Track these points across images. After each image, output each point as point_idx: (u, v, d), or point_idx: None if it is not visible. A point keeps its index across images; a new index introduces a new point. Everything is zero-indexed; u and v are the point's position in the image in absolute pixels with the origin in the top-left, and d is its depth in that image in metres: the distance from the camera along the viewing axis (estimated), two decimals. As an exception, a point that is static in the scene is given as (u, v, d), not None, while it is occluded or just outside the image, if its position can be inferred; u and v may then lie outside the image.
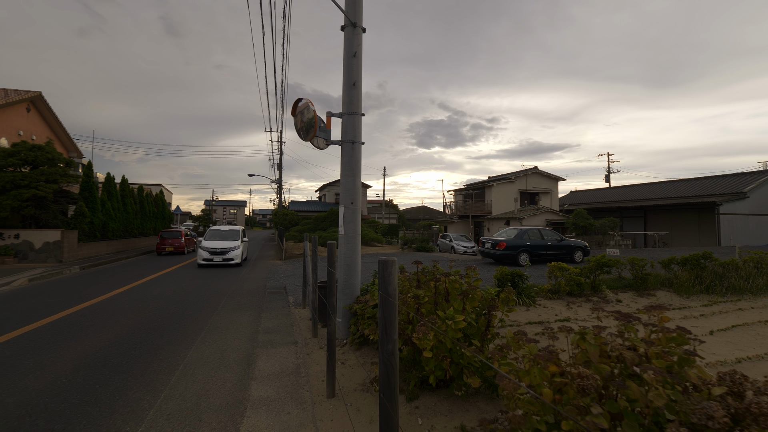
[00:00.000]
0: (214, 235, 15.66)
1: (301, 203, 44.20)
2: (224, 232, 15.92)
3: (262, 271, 13.61)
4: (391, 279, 1.79)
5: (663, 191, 31.54)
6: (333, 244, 3.86)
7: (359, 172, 5.63)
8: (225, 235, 15.74)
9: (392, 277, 1.79)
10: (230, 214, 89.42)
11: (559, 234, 14.46)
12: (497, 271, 7.82)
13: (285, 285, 10.30)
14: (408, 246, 21.82)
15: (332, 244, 3.86)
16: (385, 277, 1.79)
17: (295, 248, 20.44)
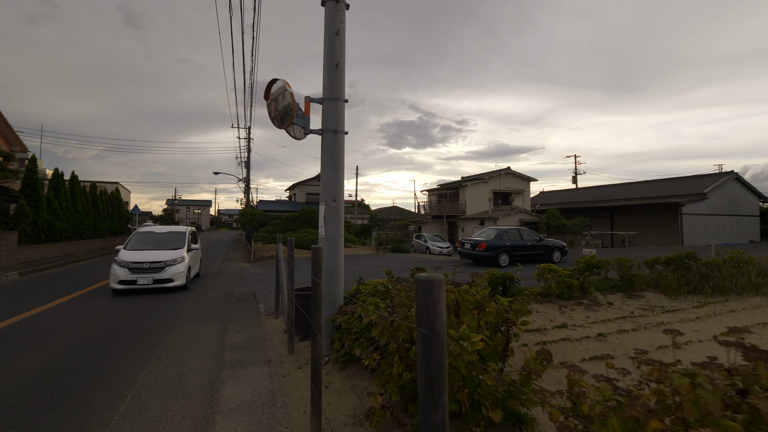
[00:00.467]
0: (143, 242, 10.25)
1: (271, 203, 42.76)
2: (159, 237, 10.53)
3: (229, 275, 12.63)
4: (439, 310, 1.16)
5: (628, 192, 32.57)
6: (318, 249, 3.21)
7: (342, 166, 4.97)
8: (160, 240, 10.37)
9: (439, 305, 1.17)
10: (194, 214, 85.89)
11: (537, 234, 14.31)
12: (488, 273, 7.34)
13: (254, 291, 9.47)
14: (383, 247, 21.25)
15: (317, 249, 3.21)
16: (429, 306, 1.16)
17: (264, 250, 19.42)
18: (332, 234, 4.84)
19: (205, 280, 11.22)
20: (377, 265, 14.35)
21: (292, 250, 5.07)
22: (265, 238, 24.42)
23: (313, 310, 3.11)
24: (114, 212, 25.89)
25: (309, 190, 42.41)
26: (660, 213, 29.02)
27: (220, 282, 11.02)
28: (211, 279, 11.58)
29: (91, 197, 22.89)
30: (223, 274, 12.89)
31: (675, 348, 3.17)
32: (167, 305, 7.71)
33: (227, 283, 10.89)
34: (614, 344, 5.00)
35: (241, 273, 13.02)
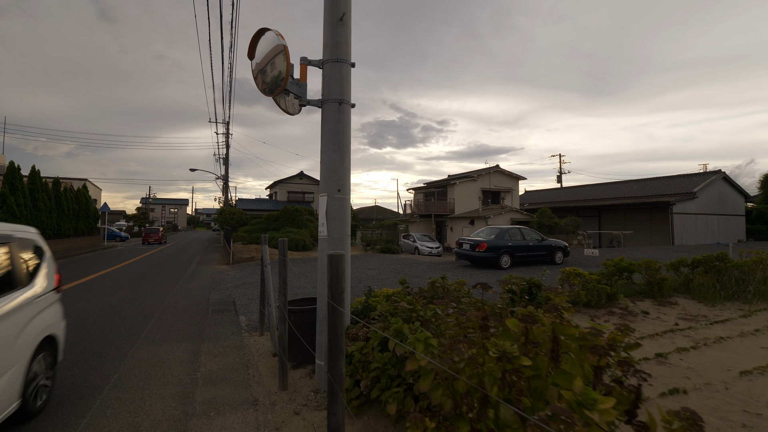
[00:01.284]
0: None
1: (250, 201, 41.11)
2: None
3: (205, 279, 11.34)
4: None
5: (616, 191, 32.43)
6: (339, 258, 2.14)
7: (349, 146, 3.89)
8: None
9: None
10: (170, 213, 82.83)
11: (539, 233, 13.52)
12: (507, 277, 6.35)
13: (234, 298, 8.27)
14: (371, 247, 20.19)
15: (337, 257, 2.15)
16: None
17: (244, 251, 18.09)
18: (336, 233, 3.76)
19: (177, 286, 9.93)
20: (370, 268, 13.28)
21: (284, 254, 3.97)
22: (244, 238, 23.00)
23: (331, 355, 2.03)
24: (81, 211, 23.99)
25: (290, 188, 40.93)
26: (648, 212, 28.90)
27: (194, 288, 9.75)
28: (184, 284, 10.29)
29: (54, 194, 21.04)
30: (198, 278, 11.59)
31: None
32: (129, 318, 6.46)
33: (202, 289, 9.63)
34: (682, 368, 4.09)
35: (219, 277, 11.75)
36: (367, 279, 10.69)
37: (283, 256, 3.97)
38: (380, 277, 11.10)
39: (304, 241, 20.21)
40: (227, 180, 33.32)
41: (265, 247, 5.45)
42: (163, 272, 12.68)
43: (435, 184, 30.33)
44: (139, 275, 11.89)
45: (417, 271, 12.34)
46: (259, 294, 8.55)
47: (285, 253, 3.96)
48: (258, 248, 18.52)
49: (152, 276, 11.77)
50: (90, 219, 25.32)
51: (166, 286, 9.98)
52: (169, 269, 13.51)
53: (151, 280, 10.98)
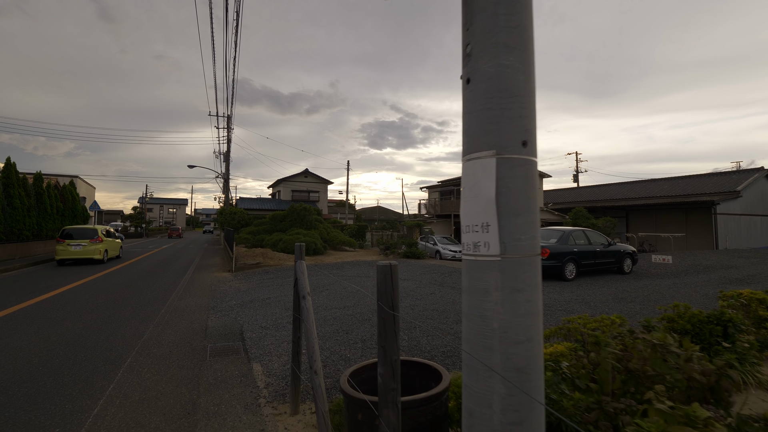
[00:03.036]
0: None
1: (252, 200, 38.90)
2: None
3: (203, 293, 9.14)
4: None
5: (645, 190, 30.28)
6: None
7: (533, 43, 1.68)
8: None
9: None
10: (168, 213, 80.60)
11: (605, 236, 11.35)
12: (677, 307, 4.17)
13: (241, 326, 6.08)
14: (391, 251, 17.97)
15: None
16: None
17: (248, 255, 15.87)
18: (522, 247, 1.50)
19: (167, 304, 7.73)
20: (402, 278, 11.07)
21: (392, 295, 1.77)
22: (248, 240, 20.79)
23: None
24: (66, 209, 21.77)
25: (295, 186, 38.71)
26: (684, 213, 26.75)
27: (188, 307, 7.54)
28: (177, 300, 8.09)
29: (34, 191, 18.83)
30: (194, 290, 9.39)
31: None
32: (84, 367, 4.26)
33: (199, 308, 7.43)
34: None
35: (220, 289, 9.55)
36: (409, 295, 8.49)
37: (394, 301, 1.77)
38: (423, 292, 8.90)
39: (315, 245, 18.00)
40: (228, 178, 31.13)
41: (301, 265, 3.24)
42: (152, 282, 10.48)
43: (452, 183, 28.16)
44: (122, 287, 9.69)
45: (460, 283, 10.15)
46: (277, 318, 6.40)
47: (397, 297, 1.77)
48: (265, 253, 16.29)
49: (138, 288, 9.56)
50: (78, 219, 23.08)
51: (152, 304, 7.78)
52: (161, 278, 11.31)
53: (135, 294, 8.78)
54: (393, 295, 1.75)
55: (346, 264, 14.52)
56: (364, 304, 7.56)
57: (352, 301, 7.75)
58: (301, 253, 3.30)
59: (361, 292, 8.83)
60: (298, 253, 3.30)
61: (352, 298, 8.06)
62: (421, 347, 4.86)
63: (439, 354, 4.63)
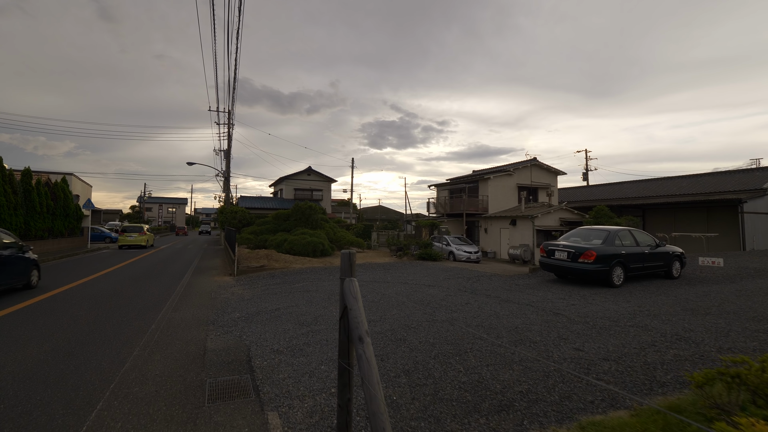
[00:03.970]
0: None
1: (253, 199, 37.69)
2: None
3: (201, 301, 7.97)
4: None
5: (662, 189, 29.11)
6: None
7: None
8: None
9: None
10: (168, 212, 79.42)
11: (651, 236, 10.16)
12: None
13: (249, 348, 4.91)
14: (404, 253, 16.79)
15: None
16: None
17: (251, 257, 14.70)
18: None
19: (159, 317, 6.56)
20: (427, 284, 9.91)
21: None
22: (250, 240, 19.62)
23: None
24: (58, 208, 20.62)
25: (297, 185, 37.51)
26: (705, 211, 25.57)
27: (184, 320, 6.38)
28: (170, 313, 6.92)
29: (22, 188, 17.68)
30: (191, 298, 8.22)
31: None
32: (37, 425, 3.09)
33: (196, 322, 6.27)
34: None
35: (222, 297, 8.38)
36: (441, 306, 7.33)
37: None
38: (455, 302, 7.74)
39: (323, 245, 16.83)
40: (228, 175, 29.96)
41: (352, 287, 2.07)
42: (145, 288, 9.32)
43: (462, 180, 26.97)
44: (109, 295, 8.52)
45: (497, 291, 8.98)
46: (291, 338, 5.10)
47: None
48: (269, 254, 15.10)
49: (128, 296, 8.40)
50: (71, 218, 21.94)
51: (142, 316, 6.61)
52: (155, 283, 10.15)
53: (124, 303, 7.61)
54: None
55: (358, 267, 13.35)
56: (391, 317, 6.39)
57: (377, 314, 6.59)
58: (351, 267, 2.12)
59: (383, 302, 7.66)
60: (346, 266, 2.12)
61: (376, 310, 6.89)
62: (487, 385, 3.69)
63: (517, 396, 3.46)
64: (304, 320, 6.25)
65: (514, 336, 5.35)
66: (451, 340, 5.18)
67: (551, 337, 5.34)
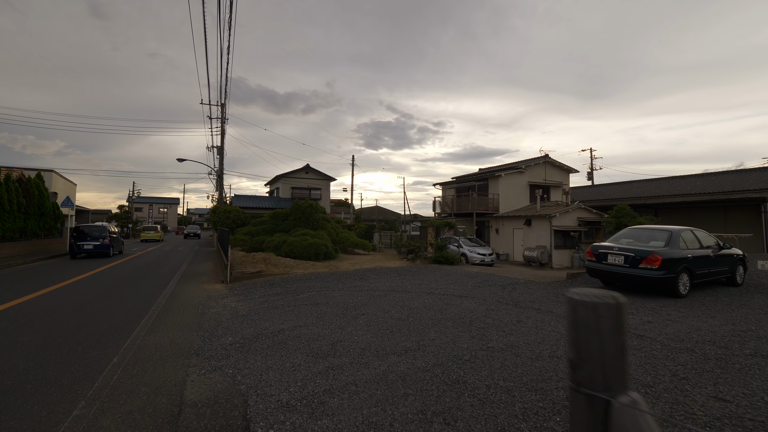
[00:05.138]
0: None
1: (248, 198, 36.01)
2: None
3: (186, 321, 6.42)
4: None
5: (674, 187, 27.91)
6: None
7: None
8: None
9: None
10: (159, 212, 77.30)
11: (713, 236, 8.78)
12: None
13: (246, 403, 3.38)
14: (416, 255, 15.28)
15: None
16: None
17: (246, 261, 13.12)
18: None
19: (127, 343, 5.02)
20: (457, 294, 8.41)
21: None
22: (245, 242, 18.01)
23: None
24: (31, 206, 18.86)
25: (295, 183, 35.87)
26: (722, 211, 24.44)
27: (159, 346, 4.83)
28: (145, 335, 5.37)
29: (-10, 184, 15.96)
30: (174, 314, 6.66)
31: None
32: None
33: (175, 352, 4.72)
34: None
35: (211, 312, 6.82)
36: (486, 324, 5.83)
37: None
38: (501, 319, 6.26)
39: (326, 247, 15.28)
40: (222, 173, 28.31)
41: None
42: (119, 300, 7.74)
43: (471, 178, 25.55)
44: (72, 309, 6.94)
45: (543, 303, 7.50)
46: (305, 380, 3.69)
47: None
48: (267, 258, 13.51)
49: (95, 311, 6.82)
50: (47, 217, 20.18)
51: (105, 342, 5.06)
52: (133, 293, 8.57)
53: (87, 321, 6.04)
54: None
55: (369, 273, 11.83)
56: (431, 343, 4.90)
57: (411, 339, 5.08)
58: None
59: (413, 319, 6.16)
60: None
61: (408, 332, 5.39)
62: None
63: None
64: (318, 349, 4.73)
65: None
66: (528, 381, 3.70)
67: (663, 375, 3.88)
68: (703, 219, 25.74)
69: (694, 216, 26.03)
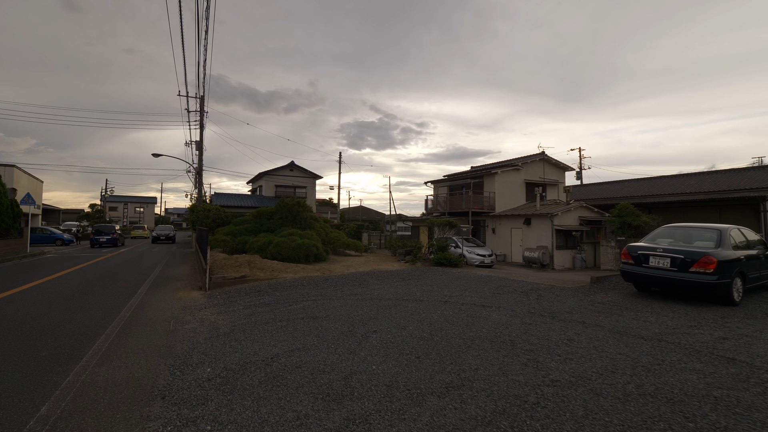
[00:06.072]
0: None
1: (229, 196, 34.25)
2: None
3: (152, 341, 5.11)
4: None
5: (669, 187, 27.61)
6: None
7: None
8: None
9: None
10: (135, 212, 74.12)
11: (758, 234, 7.94)
12: None
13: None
14: (414, 257, 14.14)
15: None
16: None
17: (228, 265, 11.75)
18: None
19: (72, 376, 3.71)
20: (481, 304, 7.29)
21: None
22: (226, 243, 16.56)
23: None
24: (-13, 204, 16.98)
25: (279, 181, 34.30)
26: (717, 211, 24.14)
27: (111, 384, 3.55)
28: (95, 365, 4.06)
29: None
30: (138, 333, 5.34)
31: None
32: None
33: (132, 392, 3.45)
34: None
35: (184, 330, 5.52)
36: (522, 344, 4.73)
37: None
38: (548, 338, 5.17)
39: (316, 248, 14.00)
40: (201, 168, 26.62)
41: None
42: (73, 313, 6.35)
43: (465, 175, 24.61)
44: (12, 326, 5.54)
45: (581, 313, 6.45)
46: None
47: None
48: (251, 261, 12.14)
49: (39, 329, 5.44)
50: (3, 216, 18.26)
51: (39, 376, 3.75)
52: (93, 303, 7.16)
53: (24, 345, 4.69)
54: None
55: (367, 277, 10.62)
56: (475, 376, 3.76)
57: (447, 369, 3.93)
58: None
59: (439, 337, 5.01)
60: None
61: (441, 359, 4.23)
62: None
63: None
64: (328, 386, 3.54)
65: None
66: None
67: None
68: (697, 219, 25.41)
69: (689, 216, 25.71)
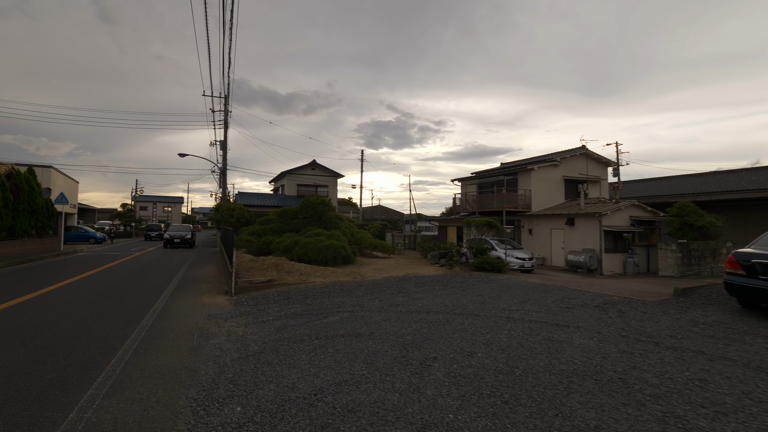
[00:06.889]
0: None
1: (252, 196, 34.07)
2: None
3: (174, 359, 4.39)
4: None
5: (723, 183, 25.47)
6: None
7: None
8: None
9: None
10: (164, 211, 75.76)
11: None
12: None
13: None
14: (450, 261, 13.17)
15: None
16: None
17: (255, 268, 11.11)
18: None
19: (75, 412, 2.99)
20: (552, 321, 6.32)
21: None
22: (251, 243, 16.02)
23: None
24: (20, 203, 17.03)
25: (301, 180, 33.88)
26: None
27: (121, 422, 2.81)
28: (109, 389, 3.35)
29: (-33, 177, 14.10)
30: (157, 350, 4.64)
31: None
32: None
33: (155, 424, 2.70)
34: None
35: (209, 346, 4.80)
36: (642, 388, 3.76)
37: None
38: (674, 377, 4.19)
39: (344, 249, 13.26)
40: (225, 168, 26.39)
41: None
42: (92, 321, 5.75)
43: (496, 172, 23.39)
44: (19, 341, 4.95)
45: (690, 337, 5.40)
46: None
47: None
48: (279, 264, 11.47)
49: (48, 343, 4.84)
50: (39, 215, 18.34)
51: (37, 411, 3.04)
52: (113, 310, 6.57)
53: (29, 365, 4.05)
54: None
55: (404, 283, 9.75)
56: None
57: (554, 427, 3.02)
58: None
59: (521, 369, 4.10)
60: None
61: (538, 405, 3.32)
62: None
63: None
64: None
65: None
66: None
67: None
68: (752, 217, 23.42)
69: (751, 215, 23.65)
